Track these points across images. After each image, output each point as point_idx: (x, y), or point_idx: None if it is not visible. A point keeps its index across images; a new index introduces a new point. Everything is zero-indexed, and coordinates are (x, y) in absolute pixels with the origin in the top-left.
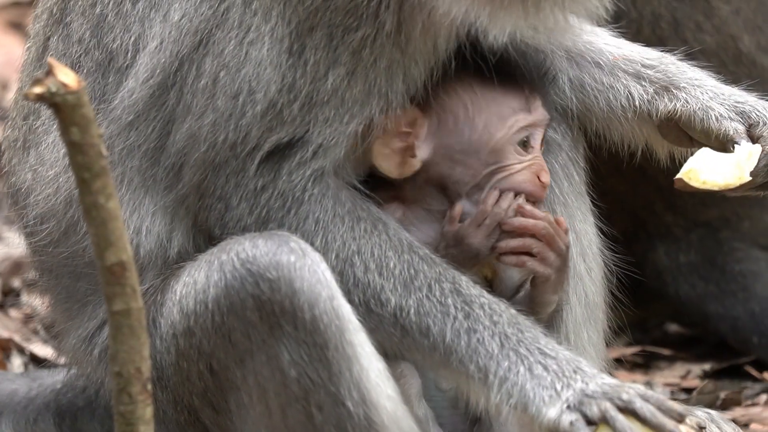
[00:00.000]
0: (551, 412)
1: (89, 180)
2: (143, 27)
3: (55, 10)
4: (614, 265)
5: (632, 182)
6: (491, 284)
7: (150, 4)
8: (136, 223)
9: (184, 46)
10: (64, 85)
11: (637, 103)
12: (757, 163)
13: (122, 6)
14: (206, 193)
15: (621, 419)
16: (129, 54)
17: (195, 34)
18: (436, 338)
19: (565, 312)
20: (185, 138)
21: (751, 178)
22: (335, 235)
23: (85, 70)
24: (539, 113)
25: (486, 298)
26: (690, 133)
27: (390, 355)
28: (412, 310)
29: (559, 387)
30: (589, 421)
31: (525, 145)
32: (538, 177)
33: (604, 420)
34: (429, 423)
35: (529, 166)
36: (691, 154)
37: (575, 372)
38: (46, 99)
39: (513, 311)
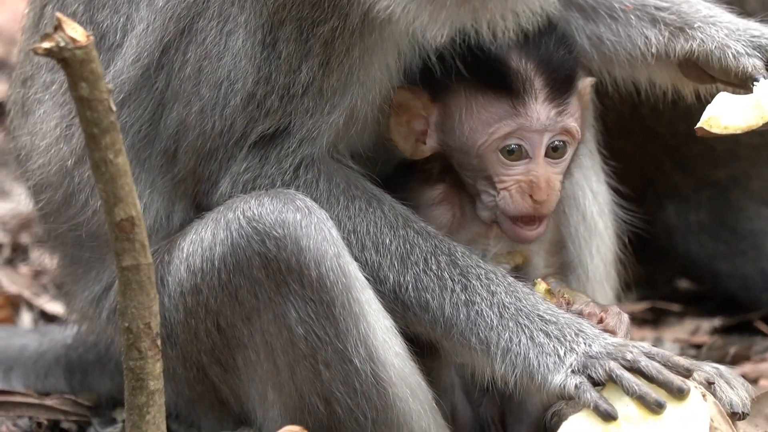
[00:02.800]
0: (556, 379)
1: (98, 135)
2: (131, 9)
3: None
4: (625, 223)
5: (641, 142)
6: (520, 271)
7: None
8: None
9: (168, 32)
10: (73, 40)
11: (654, 47)
12: None
13: None
14: (201, 179)
15: (627, 376)
16: (118, 34)
17: (178, 21)
18: (436, 312)
19: (591, 269)
20: (176, 124)
21: None
22: (330, 216)
23: None
24: (536, 118)
25: (483, 267)
26: (710, 72)
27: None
28: (411, 286)
29: (562, 352)
30: (596, 383)
31: (512, 153)
32: (531, 195)
33: (611, 379)
34: (455, 390)
35: (518, 183)
36: (717, 92)
37: (577, 335)
38: (54, 54)
39: (510, 279)
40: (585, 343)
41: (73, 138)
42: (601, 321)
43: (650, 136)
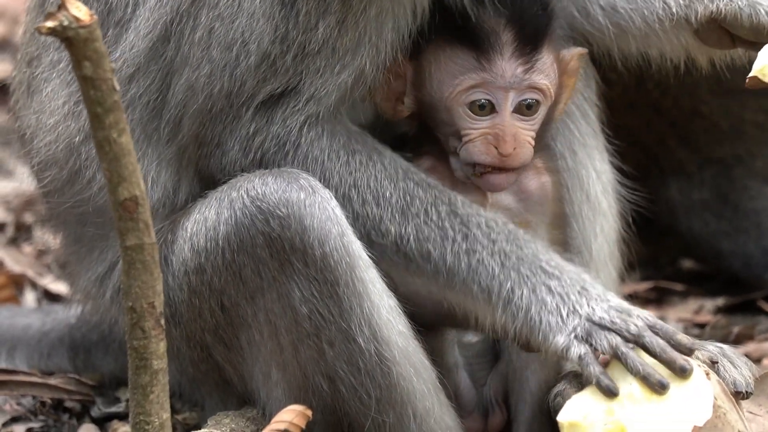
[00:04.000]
0: (558, 340)
1: (102, 115)
2: None
3: None
4: (627, 201)
5: (646, 118)
6: None
7: None
8: (142, 174)
9: (182, 1)
10: (77, 19)
11: (674, 10)
12: None
13: None
14: (204, 142)
15: (632, 356)
16: (129, 8)
17: None
18: (438, 262)
19: (594, 249)
20: (184, 90)
21: None
22: (332, 172)
23: None
24: (500, 74)
25: (483, 216)
26: (735, 32)
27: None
28: (412, 237)
29: (564, 313)
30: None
31: (481, 107)
32: (497, 147)
33: (615, 356)
34: (458, 370)
35: (483, 135)
36: (732, 59)
37: (580, 294)
38: (58, 33)
39: (511, 227)
40: (588, 305)
41: (82, 115)
42: None
43: (655, 111)
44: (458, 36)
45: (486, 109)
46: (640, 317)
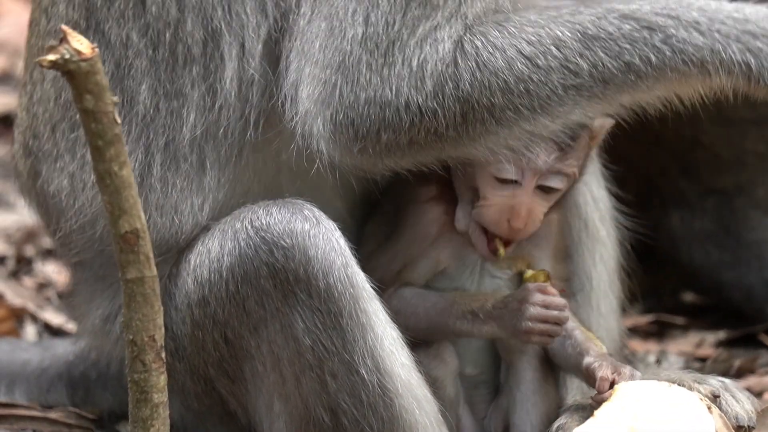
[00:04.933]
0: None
1: (103, 148)
2: None
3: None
4: (627, 230)
5: (647, 147)
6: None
7: None
8: None
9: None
10: (78, 52)
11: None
12: None
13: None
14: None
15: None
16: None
17: None
18: (641, 66)
19: (594, 277)
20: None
21: None
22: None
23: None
24: (536, 158)
25: (646, 3)
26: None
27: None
28: (604, 61)
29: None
30: None
31: (505, 181)
32: (509, 220)
33: None
34: (460, 402)
35: (500, 205)
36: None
37: None
38: (59, 66)
39: None
40: None
41: None
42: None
43: (656, 142)
44: None
45: (509, 181)
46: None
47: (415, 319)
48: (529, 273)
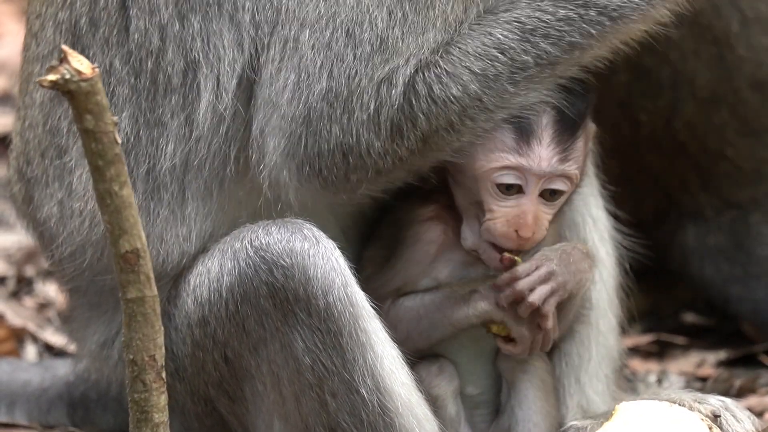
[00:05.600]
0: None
1: (103, 167)
2: None
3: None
4: (626, 249)
5: (671, 159)
6: None
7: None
8: None
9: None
10: (78, 72)
11: None
12: None
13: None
14: None
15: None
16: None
17: None
18: (583, 42)
19: (594, 297)
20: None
21: None
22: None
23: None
24: (537, 162)
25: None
26: None
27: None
28: (547, 47)
29: None
30: None
31: (509, 188)
32: (517, 230)
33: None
34: (460, 422)
35: (506, 216)
36: None
37: None
38: (60, 86)
39: None
40: None
41: None
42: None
43: (681, 153)
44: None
45: (513, 189)
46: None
47: (416, 322)
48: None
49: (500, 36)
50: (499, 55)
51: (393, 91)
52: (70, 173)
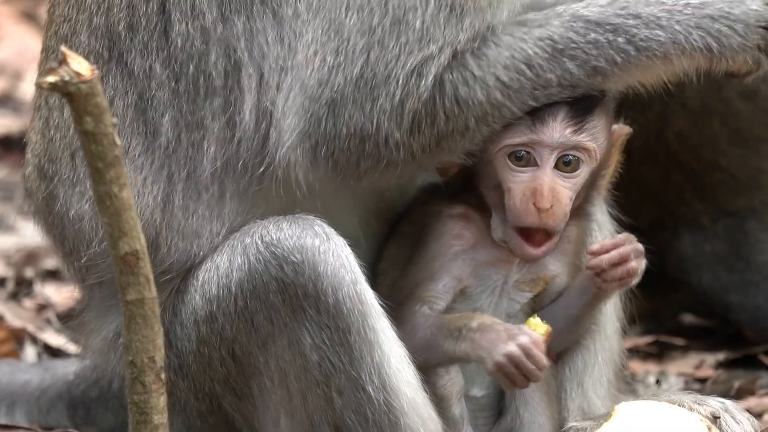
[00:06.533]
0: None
1: (103, 170)
2: None
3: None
4: None
5: (664, 169)
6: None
7: None
8: None
9: None
10: (78, 74)
11: None
12: None
13: None
14: None
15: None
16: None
17: None
18: (606, 67)
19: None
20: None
21: None
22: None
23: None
24: (549, 134)
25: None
26: None
27: None
28: (575, 68)
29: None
30: None
31: (520, 159)
32: (535, 203)
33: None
34: (464, 422)
35: (522, 191)
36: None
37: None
38: (59, 88)
39: None
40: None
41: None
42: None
43: (674, 163)
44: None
45: (524, 160)
46: None
47: (423, 341)
48: (534, 321)
49: (530, 51)
50: (527, 70)
51: (422, 83)
52: None
